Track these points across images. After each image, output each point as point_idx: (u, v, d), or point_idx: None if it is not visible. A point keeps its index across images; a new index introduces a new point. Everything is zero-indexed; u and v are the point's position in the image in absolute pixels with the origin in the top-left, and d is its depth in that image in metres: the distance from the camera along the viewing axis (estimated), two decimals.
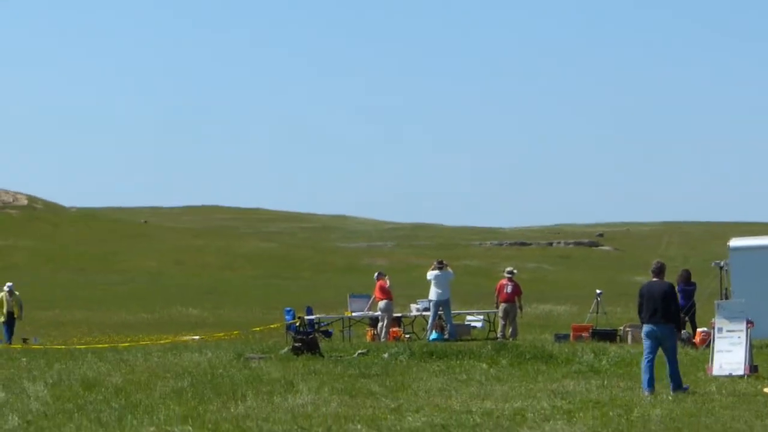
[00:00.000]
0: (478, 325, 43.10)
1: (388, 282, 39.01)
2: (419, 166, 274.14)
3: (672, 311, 23.89)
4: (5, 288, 41.59)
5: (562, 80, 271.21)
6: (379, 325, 38.70)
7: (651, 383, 23.32)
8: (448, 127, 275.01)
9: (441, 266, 38.38)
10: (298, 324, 39.69)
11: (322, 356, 30.56)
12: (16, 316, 41.19)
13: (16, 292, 41.70)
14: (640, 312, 24.23)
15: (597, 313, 44.25)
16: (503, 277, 39.14)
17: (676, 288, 37.83)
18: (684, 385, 23.55)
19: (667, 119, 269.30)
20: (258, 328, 45.29)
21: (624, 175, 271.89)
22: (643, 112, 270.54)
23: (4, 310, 41.01)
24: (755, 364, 26.78)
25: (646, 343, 24.06)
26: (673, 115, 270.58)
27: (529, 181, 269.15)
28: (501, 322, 38.59)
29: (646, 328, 23.97)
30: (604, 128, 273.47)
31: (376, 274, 39.83)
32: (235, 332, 43.23)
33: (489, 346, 32.13)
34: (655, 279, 24.21)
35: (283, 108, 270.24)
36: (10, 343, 39.71)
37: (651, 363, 23.65)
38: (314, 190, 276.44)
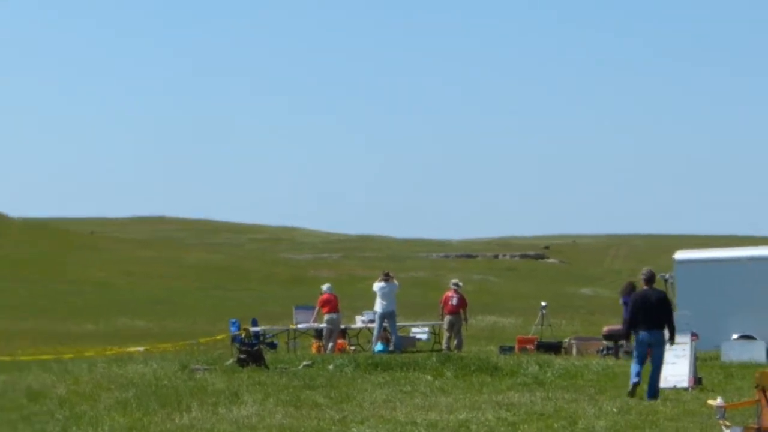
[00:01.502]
0: (423, 337, 43.15)
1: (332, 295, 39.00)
2: (367, 178, 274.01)
3: (667, 318, 24.45)
4: None
5: (506, 94, 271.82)
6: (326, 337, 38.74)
7: (636, 387, 23.99)
8: (394, 139, 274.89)
9: (387, 278, 38.39)
10: (243, 335, 39.55)
11: (267, 368, 30.50)
12: None
13: None
14: (633, 319, 24.49)
15: (542, 325, 44.46)
16: (449, 289, 39.17)
17: (620, 300, 38.25)
18: (658, 395, 23.90)
19: (611, 133, 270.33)
20: (203, 340, 45.17)
21: (570, 187, 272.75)
22: (587, 126, 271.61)
23: None
24: (699, 376, 26.94)
25: (638, 350, 24.47)
26: (618, 129, 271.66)
27: (476, 194, 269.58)
28: (446, 334, 38.63)
29: (641, 335, 24.33)
30: (549, 141, 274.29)
31: (325, 286, 39.77)
32: (180, 343, 43.09)
33: (434, 358, 32.13)
34: (646, 287, 24.54)
35: (229, 119, 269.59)
36: None
37: (640, 371, 24.21)
38: (262, 201, 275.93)
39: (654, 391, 24.10)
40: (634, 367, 24.37)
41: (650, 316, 24.22)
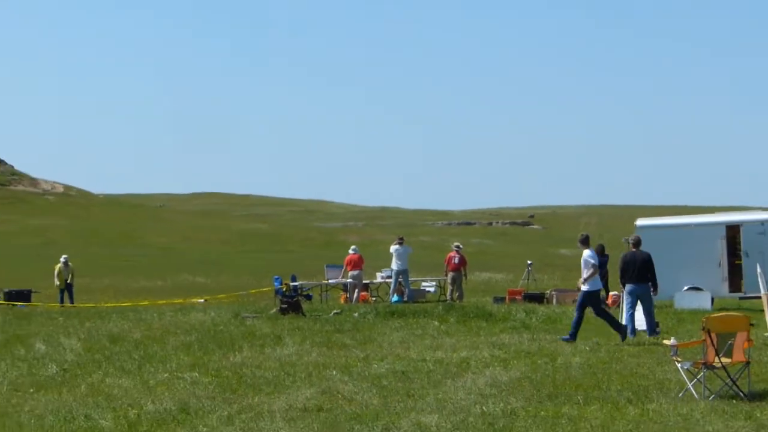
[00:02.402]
0: (431, 289, 43.14)
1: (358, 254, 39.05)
2: (386, 159, 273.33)
3: (650, 274, 24.51)
4: (61, 260, 41.26)
5: (498, 91, 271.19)
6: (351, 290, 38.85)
7: (633, 331, 23.99)
8: (411, 127, 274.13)
9: (401, 242, 38.44)
10: (284, 289, 39.66)
11: (304, 315, 30.55)
12: (69, 281, 40.88)
13: (70, 264, 41.44)
14: (623, 276, 24.64)
15: (528, 280, 44.44)
16: (452, 251, 39.17)
17: None
18: (657, 329, 24.19)
19: (587, 121, 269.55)
20: (253, 291, 45.24)
21: (551, 166, 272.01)
22: (567, 116, 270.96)
23: (62, 279, 40.79)
24: (657, 320, 26.92)
25: (627, 299, 24.73)
26: (593, 118, 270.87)
27: (474, 172, 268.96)
28: (449, 288, 38.63)
29: (629, 287, 24.63)
30: (535, 127, 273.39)
31: (351, 248, 39.85)
32: (233, 295, 43.19)
33: (440, 307, 32.16)
34: (634, 250, 24.70)
35: (275, 110, 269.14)
36: (62, 305, 39.41)
37: (632, 315, 24.39)
38: (299, 179, 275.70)
39: (651, 328, 24.32)
40: (626, 313, 24.57)
41: (637, 272, 24.43)
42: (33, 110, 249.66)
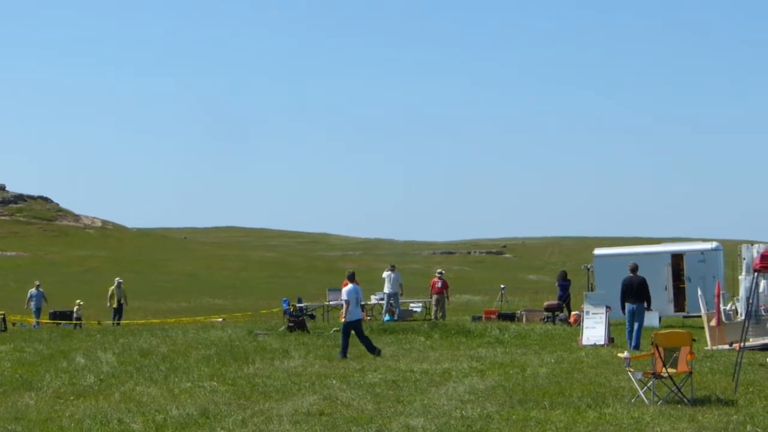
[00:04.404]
0: (419, 309, 43.04)
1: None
2: (381, 196, 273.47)
3: (645, 295, 24.94)
4: (115, 282, 40.77)
5: (468, 126, 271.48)
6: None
7: (637, 345, 24.39)
8: (398, 164, 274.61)
9: (392, 269, 38.36)
10: (291, 309, 39.50)
11: (309, 332, 30.52)
12: (122, 302, 40.44)
13: (122, 286, 40.65)
14: (623, 297, 24.97)
15: (501, 301, 44.48)
16: (436, 276, 39.11)
17: (556, 283, 38.13)
18: (639, 347, 24.27)
19: (552, 160, 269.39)
20: (264, 311, 45.15)
21: (521, 202, 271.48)
22: (535, 153, 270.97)
23: (115, 299, 40.17)
24: (612, 336, 26.90)
25: (628, 317, 25.04)
26: (558, 156, 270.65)
27: (454, 208, 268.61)
28: (434, 308, 38.57)
29: (628, 306, 24.96)
30: (506, 167, 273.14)
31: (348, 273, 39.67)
32: (248, 313, 43.06)
33: (426, 325, 32.12)
34: (632, 275, 24.94)
35: (283, 151, 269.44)
36: (119, 324, 38.97)
37: (631, 331, 24.76)
38: (307, 214, 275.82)
39: (637, 343, 24.58)
40: (627, 329, 25.00)
41: (634, 294, 24.69)
42: (75, 152, 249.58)
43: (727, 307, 27.53)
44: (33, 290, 41.18)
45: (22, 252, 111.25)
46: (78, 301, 40.81)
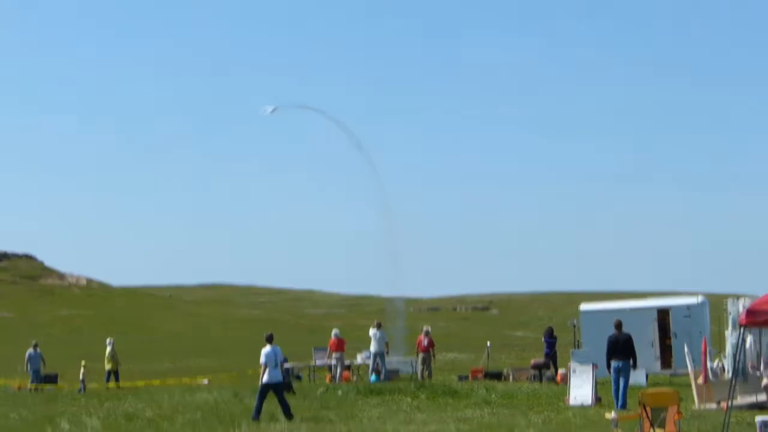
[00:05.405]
0: (405, 368, 42.74)
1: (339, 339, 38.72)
2: (362, 253, 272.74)
3: (630, 352, 24.88)
4: (110, 344, 39.21)
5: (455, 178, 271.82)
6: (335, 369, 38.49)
7: (624, 404, 24.24)
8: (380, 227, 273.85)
9: (379, 326, 38.21)
10: None
11: (294, 393, 30.29)
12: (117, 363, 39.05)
13: (113, 347, 39.14)
14: (609, 354, 24.93)
15: (488, 359, 44.22)
16: (422, 334, 38.98)
17: (543, 339, 38.04)
18: (626, 406, 24.12)
19: (536, 214, 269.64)
20: (249, 372, 44.83)
21: (505, 258, 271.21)
22: (519, 209, 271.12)
23: (111, 361, 38.78)
24: (599, 395, 26.79)
25: (613, 375, 24.94)
26: (543, 212, 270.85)
27: (439, 264, 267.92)
28: (420, 367, 38.36)
29: (614, 364, 24.94)
30: (492, 221, 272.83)
31: (334, 332, 39.53)
32: (234, 373, 42.80)
33: (412, 385, 31.93)
34: (617, 332, 24.91)
35: (270, 210, 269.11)
36: (116, 384, 38.21)
37: (617, 390, 24.68)
38: (291, 271, 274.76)
39: (623, 402, 24.45)
40: (613, 388, 24.88)
41: (619, 351, 24.70)
42: (59, 212, 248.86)
43: (714, 364, 27.46)
44: (31, 351, 39.83)
45: (6, 312, 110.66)
46: (83, 362, 39.96)
